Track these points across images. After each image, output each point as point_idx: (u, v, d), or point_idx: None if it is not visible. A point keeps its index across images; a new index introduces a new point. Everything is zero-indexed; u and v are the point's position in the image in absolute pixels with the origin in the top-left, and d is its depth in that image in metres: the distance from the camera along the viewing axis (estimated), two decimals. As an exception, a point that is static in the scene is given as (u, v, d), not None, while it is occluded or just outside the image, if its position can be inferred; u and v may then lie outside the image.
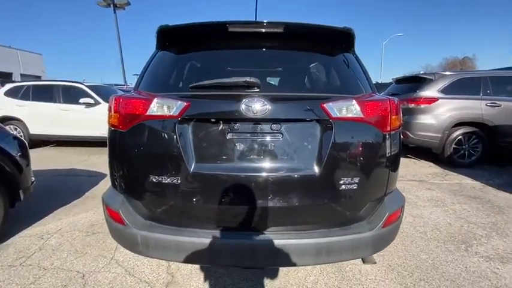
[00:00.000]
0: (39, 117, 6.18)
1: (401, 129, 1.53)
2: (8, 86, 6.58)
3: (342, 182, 1.38)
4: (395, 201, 1.57)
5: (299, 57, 1.83)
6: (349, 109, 1.38)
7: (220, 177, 1.37)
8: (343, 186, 1.39)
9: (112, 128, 1.47)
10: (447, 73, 5.11)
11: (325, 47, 1.75)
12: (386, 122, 1.42)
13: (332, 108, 1.36)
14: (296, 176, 1.37)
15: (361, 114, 1.38)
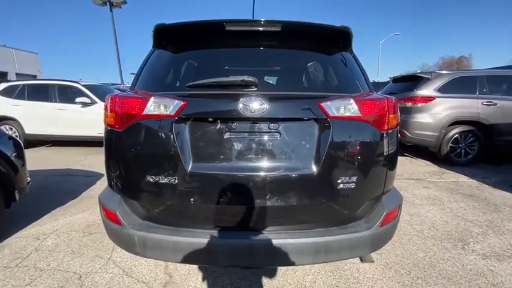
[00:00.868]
0: (35, 116, 6.13)
1: (398, 128, 1.54)
2: (3, 86, 6.50)
3: (339, 181, 1.38)
4: (392, 200, 1.57)
5: (297, 56, 1.82)
6: (346, 108, 1.38)
7: (217, 177, 1.36)
8: (341, 185, 1.39)
9: (108, 128, 1.45)
10: (444, 72, 5.13)
11: (322, 45, 1.74)
12: (384, 121, 1.42)
13: (330, 107, 1.36)
14: (294, 176, 1.37)
15: (359, 113, 1.38)
